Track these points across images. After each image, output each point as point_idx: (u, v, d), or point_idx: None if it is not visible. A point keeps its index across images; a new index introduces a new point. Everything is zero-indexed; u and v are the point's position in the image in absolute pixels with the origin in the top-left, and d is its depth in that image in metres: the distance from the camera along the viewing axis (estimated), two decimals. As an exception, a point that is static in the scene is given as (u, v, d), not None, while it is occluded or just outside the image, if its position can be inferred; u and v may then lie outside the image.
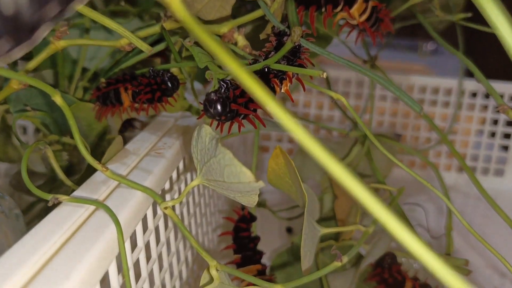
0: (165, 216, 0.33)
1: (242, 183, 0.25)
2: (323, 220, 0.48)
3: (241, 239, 0.41)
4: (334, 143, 0.55)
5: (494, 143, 0.69)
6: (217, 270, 0.29)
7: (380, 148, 0.36)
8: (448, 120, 0.69)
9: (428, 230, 0.49)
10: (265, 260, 0.48)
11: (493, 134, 0.69)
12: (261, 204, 0.58)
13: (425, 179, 0.37)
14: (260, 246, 0.44)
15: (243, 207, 0.42)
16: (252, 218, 0.42)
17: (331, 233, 0.47)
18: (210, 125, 0.28)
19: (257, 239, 0.42)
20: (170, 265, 0.35)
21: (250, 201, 0.29)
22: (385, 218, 0.13)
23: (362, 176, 0.49)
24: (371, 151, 0.50)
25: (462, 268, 0.38)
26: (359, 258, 0.48)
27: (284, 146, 0.73)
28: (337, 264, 0.31)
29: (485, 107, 0.69)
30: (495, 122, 0.69)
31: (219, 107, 0.28)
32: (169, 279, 0.34)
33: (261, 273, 0.41)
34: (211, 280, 0.29)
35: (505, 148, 0.70)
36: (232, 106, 0.28)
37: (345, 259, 0.32)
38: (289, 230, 0.55)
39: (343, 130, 0.52)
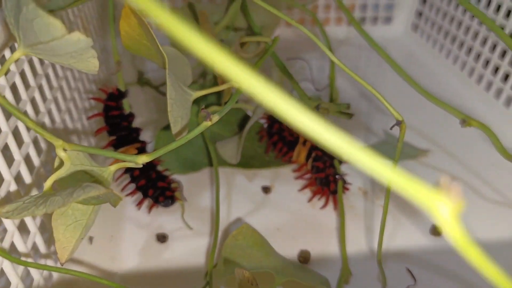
0: None
1: (57, 39, 0.20)
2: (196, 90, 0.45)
3: (112, 118, 0.37)
4: (208, 5, 0.50)
5: (381, -11, 0.68)
6: (64, 150, 0.25)
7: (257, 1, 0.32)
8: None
9: (313, 83, 0.48)
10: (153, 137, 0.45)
11: (379, -20, 0.67)
12: (144, 82, 0.53)
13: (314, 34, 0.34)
14: (147, 129, 0.41)
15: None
16: (121, 94, 0.38)
17: (214, 100, 0.45)
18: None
19: (131, 116, 0.38)
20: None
21: (89, 66, 0.25)
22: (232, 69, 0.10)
23: (236, 30, 0.45)
24: (250, 7, 0.46)
25: (345, 113, 0.38)
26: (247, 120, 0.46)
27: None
28: (207, 124, 0.29)
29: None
30: (380, -34, 0.66)
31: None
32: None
33: (141, 151, 0.38)
34: (63, 163, 0.26)
35: (392, -7, 0.68)
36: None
37: (215, 117, 0.29)
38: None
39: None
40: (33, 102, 0.33)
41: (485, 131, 0.35)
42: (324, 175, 0.39)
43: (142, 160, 0.27)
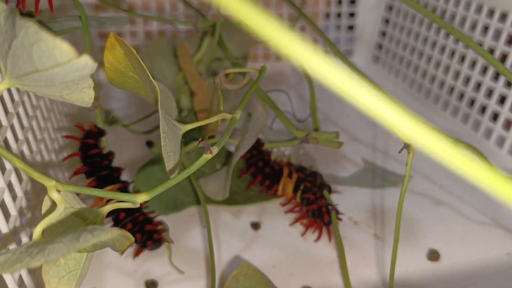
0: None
1: (62, 64, 0.18)
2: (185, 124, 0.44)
3: (91, 158, 0.35)
4: (185, 40, 0.49)
5: (340, 24, 0.70)
6: (58, 191, 0.22)
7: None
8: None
9: (294, 114, 0.47)
10: (128, 178, 0.43)
11: (339, 15, 0.69)
12: (112, 121, 0.51)
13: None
14: (123, 167, 0.38)
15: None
16: (100, 132, 0.35)
17: (195, 135, 0.43)
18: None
19: (111, 155, 0.36)
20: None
21: (84, 97, 0.23)
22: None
23: (219, 60, 0.44)
24: (224, 40, 0.46)
25: (334, 142, 0.37)
26: (229, 156, 0.45)
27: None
28: (207, 156, 0.27)
29: (328, -11, 0.68)
30: (340, 1, 0.68)
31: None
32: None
33: (123, 192, 0.35)
34: (55, 205, 0.23)
35: (351, 28, 0.70)
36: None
37: (215, 150, 0.27)
38: (149, 143, 0.50)
39: (190, 22, 0.46)
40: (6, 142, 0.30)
41: (473, 152, 0.36)
42: (317, 206, 0.38)
43: (140, 199, 0.25)
